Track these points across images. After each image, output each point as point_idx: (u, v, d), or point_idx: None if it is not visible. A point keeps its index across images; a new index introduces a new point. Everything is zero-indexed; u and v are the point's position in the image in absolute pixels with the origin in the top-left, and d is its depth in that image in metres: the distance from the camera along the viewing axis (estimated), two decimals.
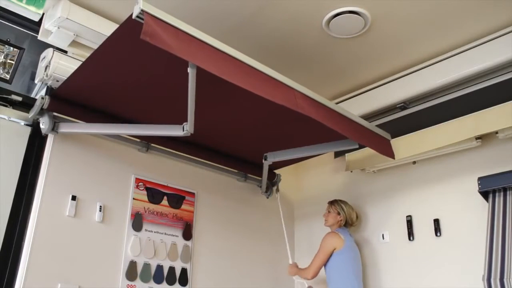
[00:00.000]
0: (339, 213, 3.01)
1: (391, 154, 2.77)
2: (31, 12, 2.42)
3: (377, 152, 2.69)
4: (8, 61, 2.46)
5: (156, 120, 2.64)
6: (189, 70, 1.95)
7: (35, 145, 2.46)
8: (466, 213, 2.70)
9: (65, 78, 2.31)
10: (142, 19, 1.70)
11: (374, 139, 2.69)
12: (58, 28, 2.45)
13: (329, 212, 3.05)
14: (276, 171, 3.45)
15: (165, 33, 1.74)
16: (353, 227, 3.12)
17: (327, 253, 2.85)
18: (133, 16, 1.71)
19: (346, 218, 3.01)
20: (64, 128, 2.43)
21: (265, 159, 3.05)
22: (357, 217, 3.11)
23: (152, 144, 2.87)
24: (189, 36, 1.87)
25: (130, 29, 1.79)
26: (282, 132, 2.79)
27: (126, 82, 2.30)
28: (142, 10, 1.69)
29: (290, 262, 3.08)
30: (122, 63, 2.13)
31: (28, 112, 2.41)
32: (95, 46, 2.57)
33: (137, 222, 2.69)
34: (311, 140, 2.84)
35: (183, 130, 2.19)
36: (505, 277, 2.24)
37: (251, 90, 1.98)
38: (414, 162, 3.05)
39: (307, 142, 2.87)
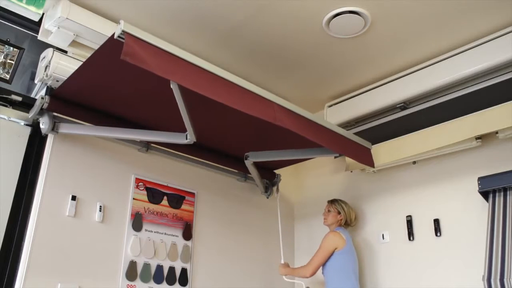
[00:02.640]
0: (339, 212, 3.01)
1: (371, 163, 2.83)
2: (31, 12, 2.42)
3: (356, 161, 2.74)
4: (8, 61, 2.45)
5: (157, 121, 2.64)
6: (172, 86, 2.01)
7: (35, 145, 2.46)
8: (466, 213, 2.70)
9: (65, 78, 2.31)
10: (124, 38, 1.76)
11: (354, 148, 2.74)
12: (58, 28, 2.45)
13: (329, 211, 3.04)
14: (276, 171, 3.45)
15: (145, 53, 1.80)
16: (351, 227, 3.12)
17: (329, 252, 2.84)
18: (115, 36, 1.79)
19: (346, 217, 3.01)
20: (64, 129, 2.43)
21: (246, 159, 3.04)
22: (355, 217, 3.11)
23: (152, 144, 2.87)
24: (170, 54, 1.92)
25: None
26: (279, 134, 2.79)
27: (125, 86, 2.30)
28: (123, 31, 1.76)
29: (282, 261, 3.07)
30: (120, 70, 2.14)
31: (28, 112, 2.41)
32: (95, 46, 2.58)
33: (137, 222, 2.70)
34: (302, 144, 2.85)
35: (186, 139, 2.28)
36: (505, 277, 2.24)
37: (230, 105, 2.03)
38: (414, 162, 3.05)
39: (299, 145, 2.87)
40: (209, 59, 3.06)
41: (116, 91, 2.36)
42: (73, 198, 2.45)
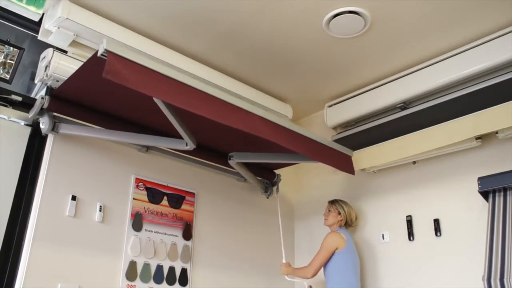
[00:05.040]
0: (339, 213, 3.01)
1: (351, 170, 2.87)
2: (31, 12, 2.42)
3: (336, 169, 2.80)
4: (8, 61, 2.45)
5: (159, 121, 2.63)
6: (155, 100, 2.10)
7: (35, 145, 2.46)
8: (466, 213, 2.70)
9: (65, 78, 2.31)
10: (106, 56, 1.84)
11: (334, 156, 2.80)
12: (58, 28, 2.45)
13: (329, 211, 3.05)
14: (276, 171, 3.45)
15: (128, 70, 1.86)
16: (352, 227, 3.12)
17: (329, 252, 2.84)
18: (98, 54, 1.87)
19: (346, 218, 3.01)
20: (65, 130, 2.43)
21: (230, 159, 3.03)
22: (356, 217, 3.11)
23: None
24: (152, 71, 1.98)
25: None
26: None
27: (125, 89, 2.31)
28: (105, 50, 1.83)
29: (284, 261, 3.07)
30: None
31: (28, 112, 2.41)
32: (95, 46, 2.58)
33: (137, 222, 2.70)
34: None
35: (186, 146, 2.40)
36: (505, 277, 2.24)
37: (210, 117, 2.10)
38: (414, 162, 3.05)
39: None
40: (209, 59, 3.06)
41: (116, 93, 2.36)
42: (73, 198, 2.45)
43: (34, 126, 2.48)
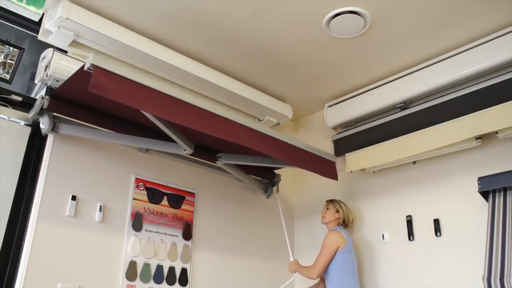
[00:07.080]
0: (338, 211, 3.02)
1: (334, 176, 2.91)
2: (31, 12, 2.42)
3: (319, 175, 2.85)
4: (8, 61, 2.45)
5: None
6: (144, 112, 2.15)
7: (35, 145, 2.46)
8: (466, 213, 2.70)
9: (65, 78, 2.32)
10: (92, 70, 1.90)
11: (316, 162, 2.84)
12: (58, 28, 2.45)
13: (327, 208, 3.05)
14: (276, 171, 3.45)
15: (113, 84, 1.93)
16: (349, 228, 3.12)
17: (332, 252, 2.83)
18: (85, 68, 1.93)
19: (344, 217, 3.01)
20: (65, 131, 2.44)
21: (217, 160, 3.04)
22: (352, 220, 3.11)
23: None
24: (137, 84, 2.04)
25: None
26: None
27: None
28: (92, 64, 1.90)
29: (291, 259, 3.07)
30: None
31: (28, 112, 2.41)
32: (95, 46, 2.58)
33: (137, 222, 2.70)
34: None
35: (185, 151, 2.50)
36: (505, 277, 2.24)
37: (195, 128, 2.15)
38: (414, 162, 3.05)
39: None
40: (209, 59, 3.06)
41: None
42: (73, 198, 2.45)
43: (34, 126, 2.48)
